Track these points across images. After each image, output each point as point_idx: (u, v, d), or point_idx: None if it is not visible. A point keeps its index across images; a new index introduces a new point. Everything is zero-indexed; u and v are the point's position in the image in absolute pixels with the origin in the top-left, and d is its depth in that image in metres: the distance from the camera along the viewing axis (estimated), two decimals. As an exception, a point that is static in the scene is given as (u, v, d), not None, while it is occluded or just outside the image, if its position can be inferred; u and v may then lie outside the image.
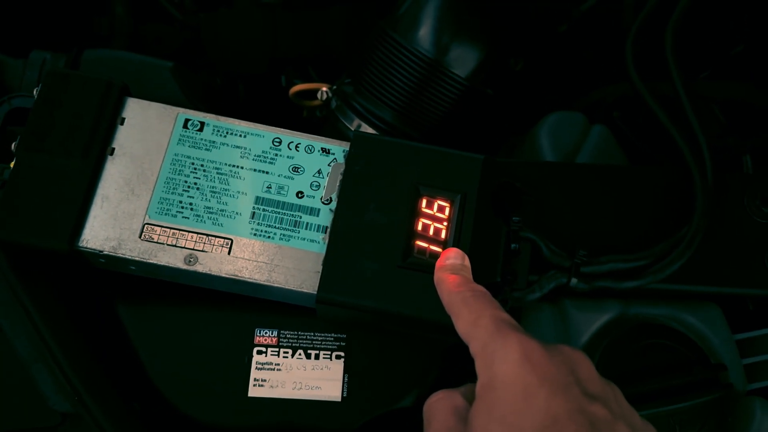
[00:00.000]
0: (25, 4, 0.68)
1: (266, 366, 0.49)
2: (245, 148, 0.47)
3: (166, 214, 0.45)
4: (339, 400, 0.49)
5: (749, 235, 0.55)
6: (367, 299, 0.44)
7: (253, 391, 0.49)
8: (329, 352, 0.50)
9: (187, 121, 0.48)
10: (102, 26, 0.71)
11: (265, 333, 0.50)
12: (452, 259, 0.44)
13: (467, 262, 0.44)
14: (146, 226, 0.45)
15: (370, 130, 0.61)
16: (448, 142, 0.63)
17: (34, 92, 0.48)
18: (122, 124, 0.47)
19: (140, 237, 0.45)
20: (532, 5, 0.71)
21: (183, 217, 0.45)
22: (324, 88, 0.65)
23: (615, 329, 0.52)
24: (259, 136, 0.48)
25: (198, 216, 0.46)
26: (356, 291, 0.44)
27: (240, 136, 0.48)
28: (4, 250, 0.47)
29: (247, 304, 0.50)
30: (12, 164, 0.46)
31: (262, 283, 0.45)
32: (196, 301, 0.51)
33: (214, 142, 0.47)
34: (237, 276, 0.45)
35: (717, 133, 0.68)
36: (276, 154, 0.48)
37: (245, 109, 0.72)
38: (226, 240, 0.45)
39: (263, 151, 0.48)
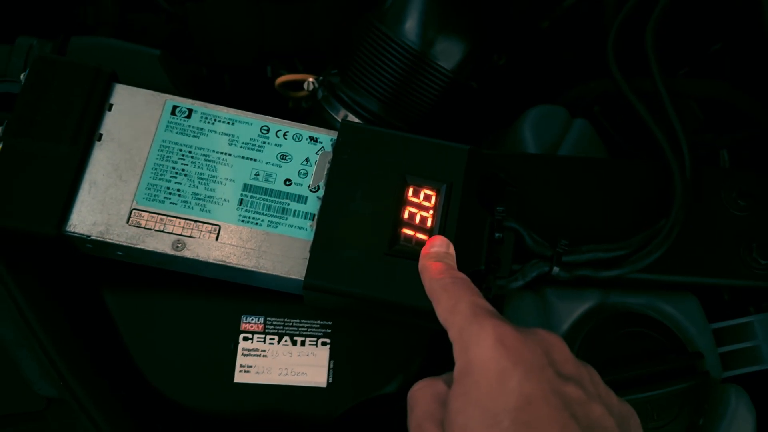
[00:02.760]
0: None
1: (252, 352, 0.50)
2: (233, 136, 0.48)
3: (153, 199, 0.46)
4: (324, 386, 0.50)
5: (725, 227, 0.56)
6: (354, 286, 0.45)
7: (239, 377, 0.49)
8: (315, 339, 0.51)
9: (175, 107, 0.48)
10: (87, 15, 0.71)
11: (252, 320, 0.51)
12: (437, 246, 0.45)
13: (452, 249, 0.45)
14: (134, 211, 0.45)
15: (356, 121, 0.61)
16: (433, 133, 0.64)
17: (21, 77, 0.47)
18: (110, 110, 0.47)
19: (128, 222, 0.45)
20: (516, 1, 0.72)
21: (171, 203, 0.46)
22: (310, 79, 0.65)
23: (595, 318, 0.53)
24: (247, 123, 0.48)
25: (186, 202, 0.46)
26: (343, 277, 0.45)
27: (228, 123, 0.48)
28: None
29: (233, 291, 0.50)
30: (1, 150, 0.46)
31: (249, 269, 0.45)
32: (182, 288, 0.51)
33: (202, 129, 0.48)
34: (225, 262, 0.45)
35: (694, 128, 0.70)
36: (264, 142, 0.48)
37: (231, 99, 0.72)
38: (213, 226, 0.46)
39: (251, 139, 0.48)
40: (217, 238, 0.45)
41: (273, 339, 0.50)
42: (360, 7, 0.73)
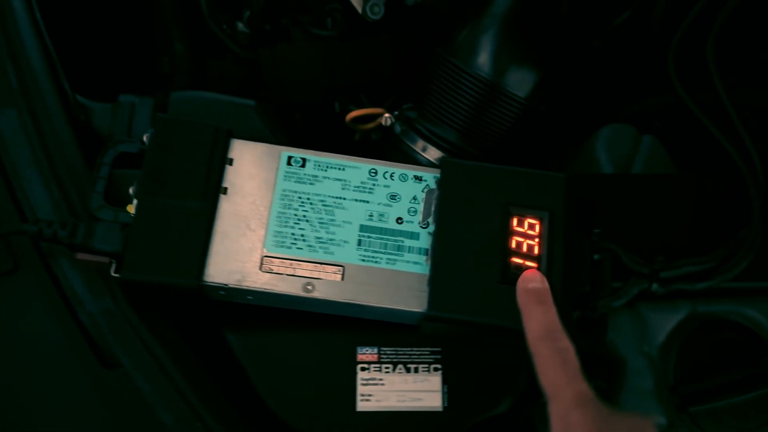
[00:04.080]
0: (94, 50, 0.71)
1: (370, 382, 0.53)
2: (345, 180, 0.51)
3: (281, 246, 0.49)
4: (441, 410, 0.53)
5: (801, 232, 0.59)
6: (473, 315, 0.48)
7: (361, 406, 0.52)
8: (427, 365, 0.54)
9: (290, 158, 0.51)
10: (163, 65, 0.74)
11: (366, 351, 0.54)
12: (533, 282, 0.48)
13: (547, 284, 0.48)
14: (265, 258, 0.48)
15: (436, 152, 0.64)
16: (501, 156, 0.67)
17: (144, 138, 0.51)
18: (231, 164, 0.50)
19: (260, 269, 0.48)
20: (569, 22, 0.75)
21: (297, 248, 0.49)
22: (386, 114, 0.68)
23: (687, 328, 0.56)
24: (356, 168, 0.51)
25: (310, 246, 0.49)
26: (462, 307, 0.48)
27: (339, 169, 0.51)
28: (124, 289, 0.50)
29: (345, 324, 0.53)
30: (128, 208, 0.49)
31: (373, 305, 0.48)
32: (298, 324, 0.54)
33: (316, 176, 0.51)
34: (352, 300, 0.48)
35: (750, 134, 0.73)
36: (374, 184, 0.51)
37: (303, 136, 0.76)
38: (338, 267, 0.49)
39: (362, 182, 0.51)
40: (342, 278, 0.48)
41: (388, 368, 0.53)
42: (418, 41, 0.76)
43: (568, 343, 0.45)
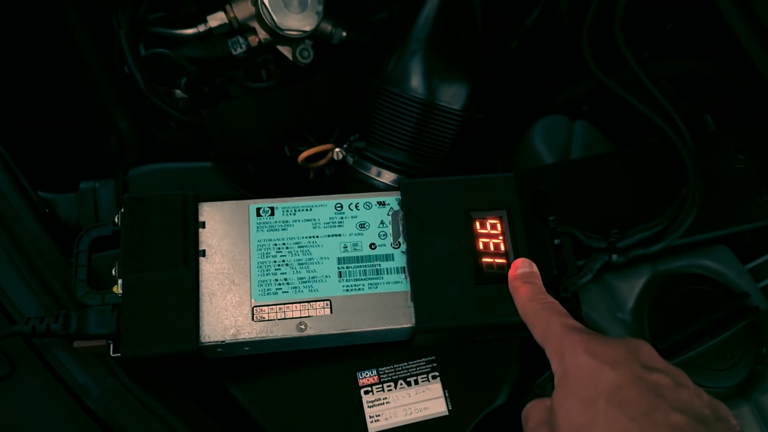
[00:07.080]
0: (43, 144, 0.72)
1: (376, 402, 0.55)
2: (315, 220, 0.54)
3: (267, 293, 0.51)
4: (447, 413, 0.56)
5: (733, 180, 0.64)
6: (459, 319, 0.51)
7: (372, 427, 0.55)
8: (425, 375, 0.57)
9: (258, 209, 0.54)
10: (111, 145, 0.76)
11: (366, 374, 0.56)
12: (521, 267, 0.51)
13: (535, 268, 0.52)
14: (255, 308, 0.51)
15: (390, 174, 0.68)
16: (451, 166, 0.70)
17: (116, 219, 0.53)
18: (203, 227, 0.53)
19: (253, 319, 0.50)
20: (487, 31, 0.79)
21: (283, 292, 0.51)
22: (337, 149, 0.71)
23: (652, 288, 0.60)
24: (322, 206, 0.54)
25: (295, 288, 0.51)
26: (447, 314, 0.51)
27: (306, 210, 0.54)
28: (124, 367, 0.52)
29: (340, 353, 0.56)
30: (113, 289, 0.51)
31: (365, 330, 0.51)
32: (296, 363, 0.56)
33: (286, 221, 0.54)
34: (344, 330, 0.51)
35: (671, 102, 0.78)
36: (342, 218, 0.54)
37: (260, 185, 0.78)
38: (325, 302, 0.51)
39: (330, 218, 0.54)
40: (331, 311, 0.51)
41: (390, 386, 0.56)
42: (352, 76, 0.80)
43: (552, 299, 0.48)
